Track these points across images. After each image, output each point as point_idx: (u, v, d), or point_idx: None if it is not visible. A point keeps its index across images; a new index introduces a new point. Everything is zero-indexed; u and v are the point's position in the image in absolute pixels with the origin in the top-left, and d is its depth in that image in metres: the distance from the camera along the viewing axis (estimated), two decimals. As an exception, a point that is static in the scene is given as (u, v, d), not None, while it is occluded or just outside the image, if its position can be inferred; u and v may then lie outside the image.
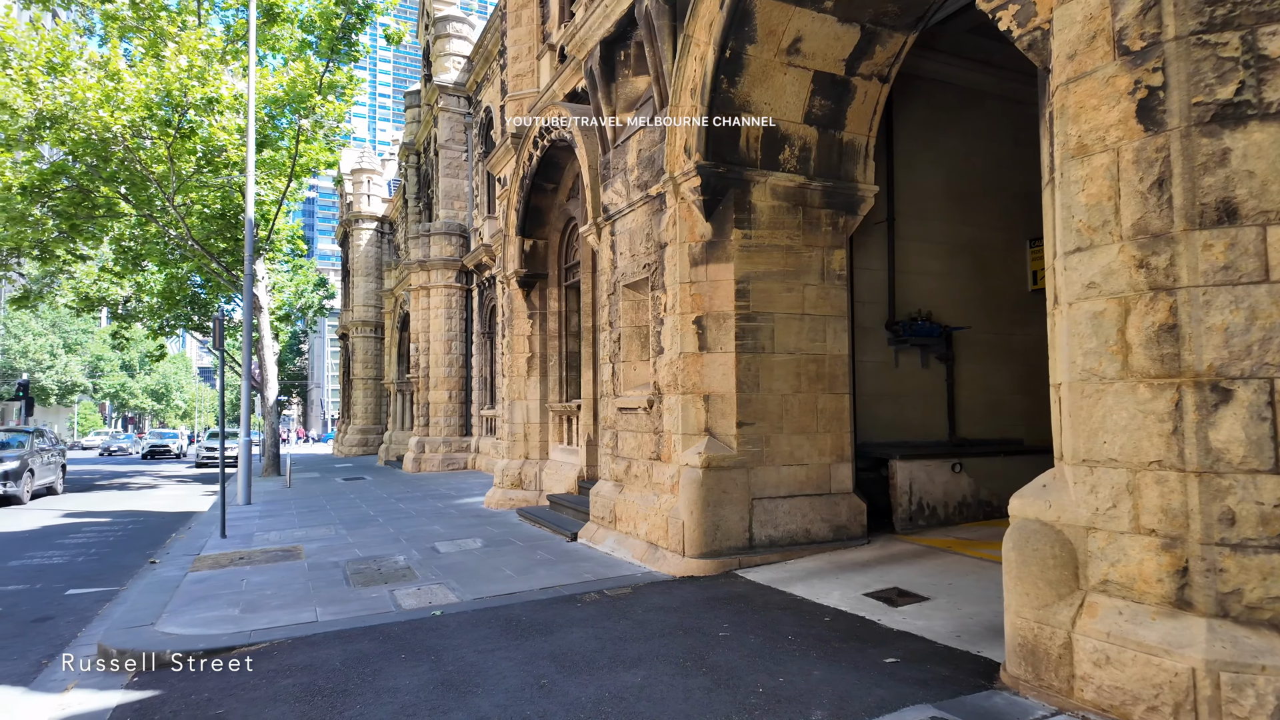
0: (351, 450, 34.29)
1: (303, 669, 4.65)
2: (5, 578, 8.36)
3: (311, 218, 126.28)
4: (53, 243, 22.00)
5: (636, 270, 8.13)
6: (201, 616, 5.89)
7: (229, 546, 9.12)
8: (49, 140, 18.24)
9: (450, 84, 21.57)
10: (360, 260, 35.01)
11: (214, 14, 20.10)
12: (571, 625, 5.47)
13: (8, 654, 5.56)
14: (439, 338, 21.42)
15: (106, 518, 13.93)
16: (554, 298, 12.15)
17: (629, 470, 8.09)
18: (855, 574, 6.52)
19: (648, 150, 7.90)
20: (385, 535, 9.81)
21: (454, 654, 4.89)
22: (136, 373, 73.90)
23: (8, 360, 60.40)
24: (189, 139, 18.96)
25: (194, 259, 22.83)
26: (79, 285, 27.97)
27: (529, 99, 11.85)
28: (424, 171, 25.52)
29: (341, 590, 6.75)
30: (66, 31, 18.69)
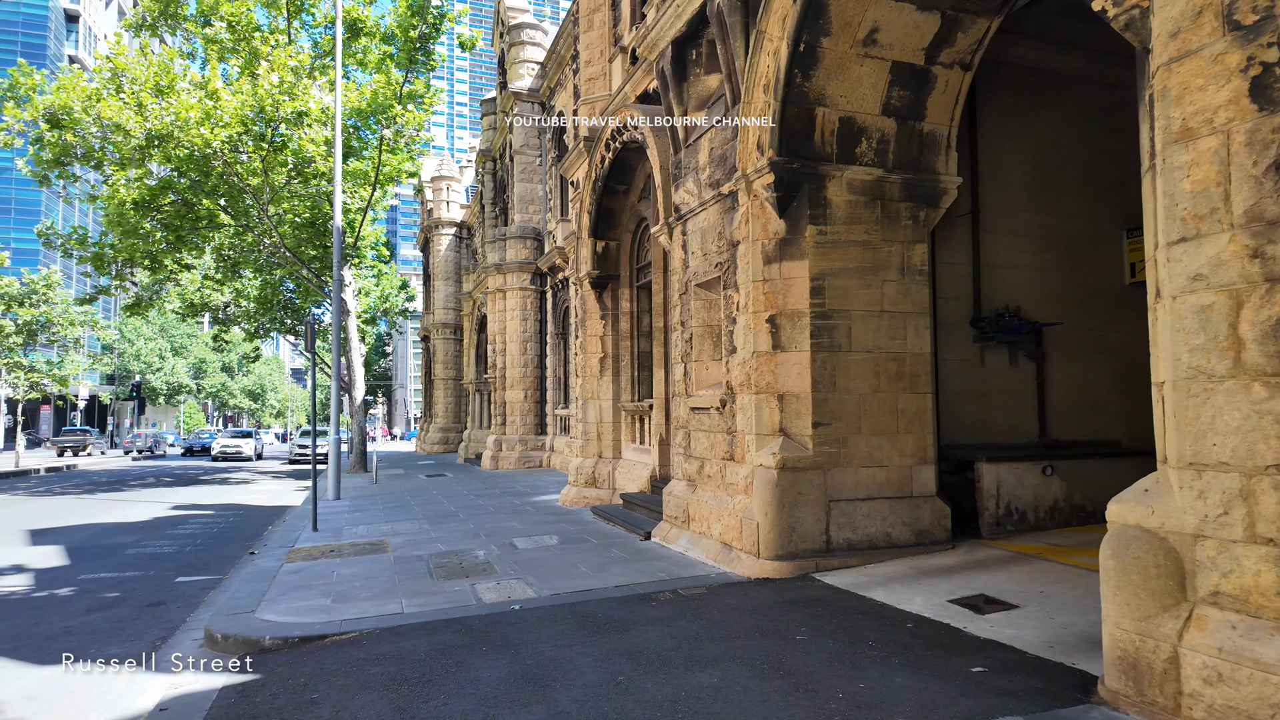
0: (433, 448, 35.44)
1: (390, 658, 4.83)
2: (124, 565, 9.02)
3: (395, 224, 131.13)
4: (161, 253, 23.59)
5: (708, 269, 8.10)
6: (296, 605, 6.20)
7: (320, 540, 9.57)
8: (157, 158, 19.58)
9: (524, 90, 22.00)
10: (440, 264, 36.14)
11: (303, 32, 21.13)
12: (647, 623, 5.50)
13: (127, 635, 6.00)
14: (515, 339, 21.90)
15: (210, 511, 14.85)
16: (626, 298, 12.24)
17: (702, 470, 8.07)
18: (939, 580, 6.31)
19: (719, 148, 7.86)
20: (466, 531, 10.09)
21: (533, 648, 4.99)
22: (235, 374, 78.43)
23: (123, 363, 65.18)
24: (281, 152, 20.00)
25: (286, 266, 24.07)
26: (184, 292, 29.94)
27: (601, 102, 11.96)
28: (500, 177, 26.13)
29: (425, 583, 6.98)
30: (172, 56, 20.00)
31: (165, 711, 4.22)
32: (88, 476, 25.81)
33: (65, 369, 47.25)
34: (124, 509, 14.99)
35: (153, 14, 20.03)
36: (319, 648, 5.15)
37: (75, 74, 20.57)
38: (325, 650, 5.08)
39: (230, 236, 24.31)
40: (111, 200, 21.70)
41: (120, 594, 7.48)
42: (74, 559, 9.45)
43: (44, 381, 44.67)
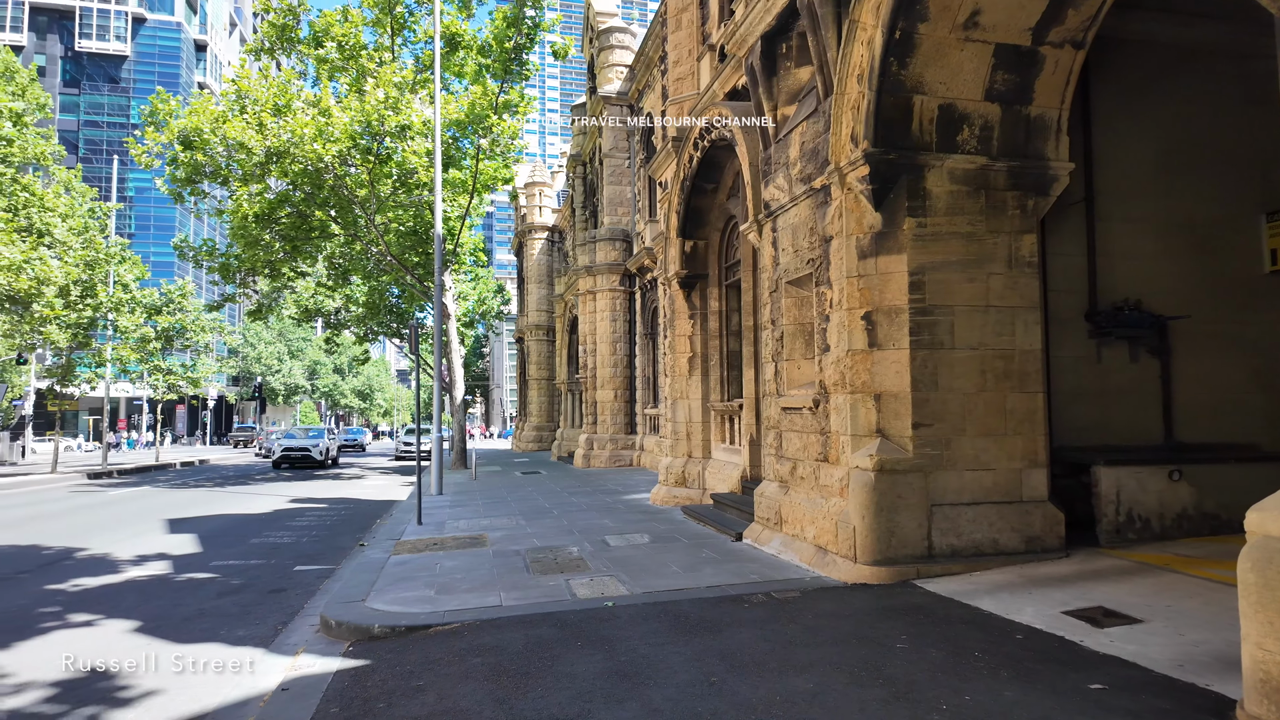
0: (527, 446, 36.40)
1: (489, 649, 5.00)
2: (249, 553, 9.73)
3: (491, 230, 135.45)
4: (279, 262, 25.28)
5: (799, 266, 7.94)
6: (403, 596, 6.50)
7: (424, 533, 10.00)
8: (275, 173, 20.99)
9: (613, 94, 22.26)
10: (533, 268, 37.09)
11: (405, 48, 22.14)
12: (739, 625, 5.45)
13: (252, 619, 6.46)
14: (604, 339, 22.20)
15: (323, 504, 15.79)
16: (714, 297, 12.17)
17: (794, 471, 7.92)
18: (1052, 590, 5.95)
19: (811, 142, 7.69)
20: (560, 527, 10.31)
21: (626, 645, 5.03)
22: (346, 375, 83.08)
23: (246, 365, 70.32)
24: (386, 164, 21.04)
25: (392, 272, 25.30)
26: (300, 298, 31.99)
27: (689, 101, 11.95)
28: (590, 181, 26.54)
29: (522, 577, 7.18)
30: (289, 77, 21.39)
31: (286, 691, 4.51)
32: (218, 470, 27.95)
33: (197, 371, 51.40)
34: (248, 501, 16.16)
35: (270, 39, 21.48)
36: (424, 637, 5.38)
37: (205, 99, 22.34)
38: (429, 640, 5.31)
39: (340, 245, 25.79)
40: (236, 214, 23.44)
41: (246, 580, 8.07)
42: (206, 547, 10.26)
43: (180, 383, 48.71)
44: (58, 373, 34.14)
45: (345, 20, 20.86)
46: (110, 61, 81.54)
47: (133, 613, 6.62)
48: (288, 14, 21.16)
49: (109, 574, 8.39)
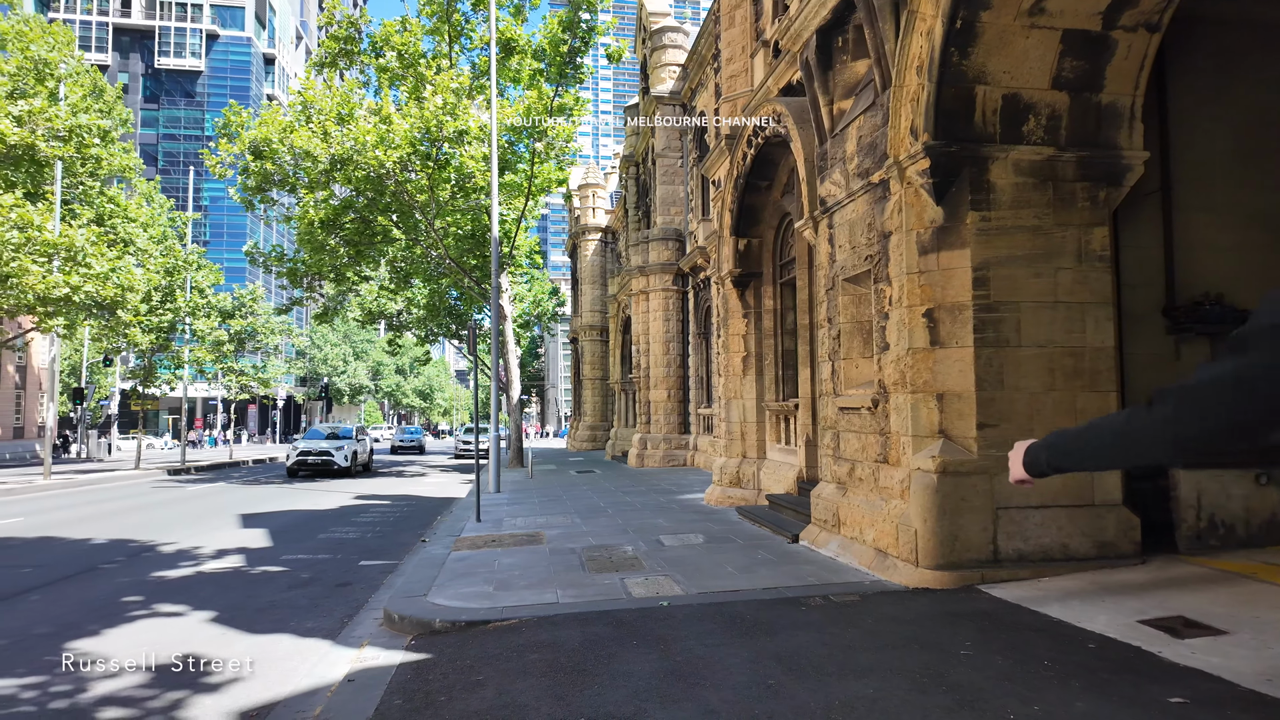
0: (582, 445, 36.72)
1: (546, 646, 5.06)
2: (316, 548, 10.08)
3: (545, 233, 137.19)
4: (344, 267, 26.12)
5: (857, 263, 7.80)
6: (462, 591, 6.64)
7: (483, 530, 10.19)
8: (339, 180, 21.70)
9: (666, 94, 22.27)
10: (587, 269, 37.40)
11: (462, 55, 22.61)
12: (796, 628, 5.38)
13: (319, 612, 6.70)
14: (657, 339, 22.22)
15: (386, 501, 16.25)
16: (769, 296, 12.05)
17: (852, 473, 7.78)
18: (1126, 598, 5.69)
19: (868, 136, 7.55)
20: (614, 526, 10.37)
21: (681, 645, 5.03)
22: (408, 376, 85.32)
23: (313, 366, 72.92)
24: (444, 169, 21.52)
25: (451, 275, 25.87)
26: (363, 301, 33.01)
27: (743, 99, 11.86)
28: (642, 181, 26.60)
29: (578, 575, 7.24)
30: (351, 87, 22.07)
31: (352, 682, 4.66)
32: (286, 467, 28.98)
33: (268, 372, 53.55)
34: (315, 498, 16.75)
35: (333, 51, 22.22)
36: (483, 632, 5.49)
37: (273, 110, 23.23)
38: (488, 635, 5.40)
39: (401, 250, 26.49)
40: (302, 220, 24.31)
41: (313, 574, 8.36)
42: (276, 541, 10.67)
43: (251, 384, 50.80)
44: (140, 374, 36.01)
45: (404, 30, 21.42)
46: (186, 77, 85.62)
47: (211, 603, 6.93)
48: (349, 26, 21.85)
49: (189, 566, 8.80)
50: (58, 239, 19.97)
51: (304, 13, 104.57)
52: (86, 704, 4.45)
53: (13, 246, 18.78)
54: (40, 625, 6.20)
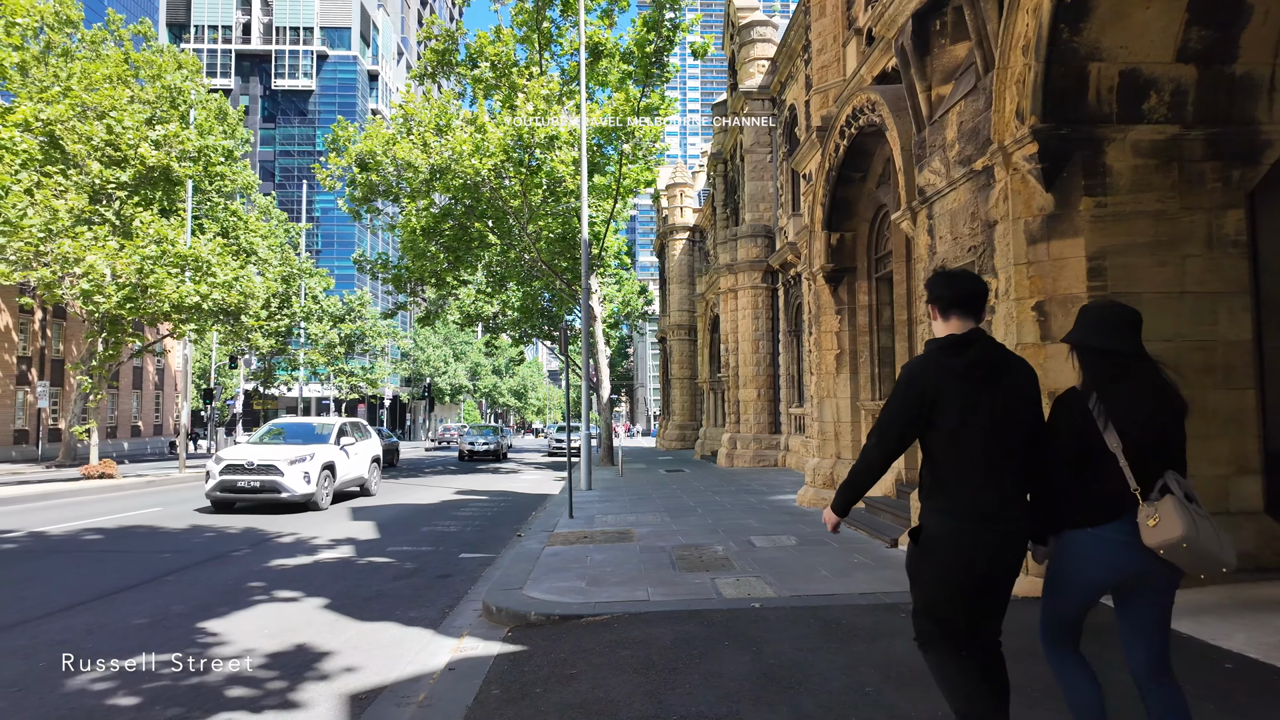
0: (671, 444, 36.79)
1: (638, 643, 5.09)
2: (419, 540, 10.53)
3: (634, 234, 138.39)
4: (444, 272, 27.20)
5: (959, 255, 7.44)
6: (556, 586, 6.78)
7: (575, 526, 10.37)
8: (438, 189, 22.61)
9: (755, 89, 22.00)
10: (675, 268, 37.43)
11: (553, 62, 23.10)
12: (896, 635, 5.19)
13: (423, 602, 6.99)
14: (747, 338, 21.97)
15: (484, 496, 16.80)
16: (863, 291, 11.69)
17: (956, 474, 7.44)
18: (1268, 614, 5.19)
19: (969, 122, 7.19)
20: (704, 525, 10.32)
21: (774, 648, 4.95)
22: (504, 376, 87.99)
23: (416, 367, 76.32)
24: (536, 175, 22.06)
25: (543, 278, 26.49)
26: (462, 305, 34.28)
27: (834, 89, 11.56)
28: (730, 178, 26.39)
29: (669, 573, 7.25)
30: (448, 98, 22.94)
31: (453, 671, 4.83)
32: (392, 465, 30.44)
33: (375, 373, 56.46)
34: (418, 493, 17.51)
35: (432, 64, 23.18)
36: (576, 626, 5.58)
37: (377, 124, 24.47)
38: (581, 630, 5.49)
39: (497, 254, 27.36)
40: (405, 228, 25.47)
41: (417, 565, 8.73)
42: (383, 534, 11.22)
43: (360, 384, 53.64)
44: (260, 375, 38.56)
45: (497, 39, 22.09)
46: (299, 96, 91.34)
47: (324, 590, 7.36)
48: (446, 39, 22.73)
49: (305, 555, 9.38)
50: (188, 251, 21.71)
51: (404, 29, 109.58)
52: (214, 683, 4.80)
53: (151, 260, 20.55)
54: (177, 605, 6.75)
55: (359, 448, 15.94)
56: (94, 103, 21.98)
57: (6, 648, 5.48)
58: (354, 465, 15.44)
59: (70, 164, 21.86)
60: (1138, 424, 2.71)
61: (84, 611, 6.54)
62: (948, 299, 2.86)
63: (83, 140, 21.47)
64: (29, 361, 33.50)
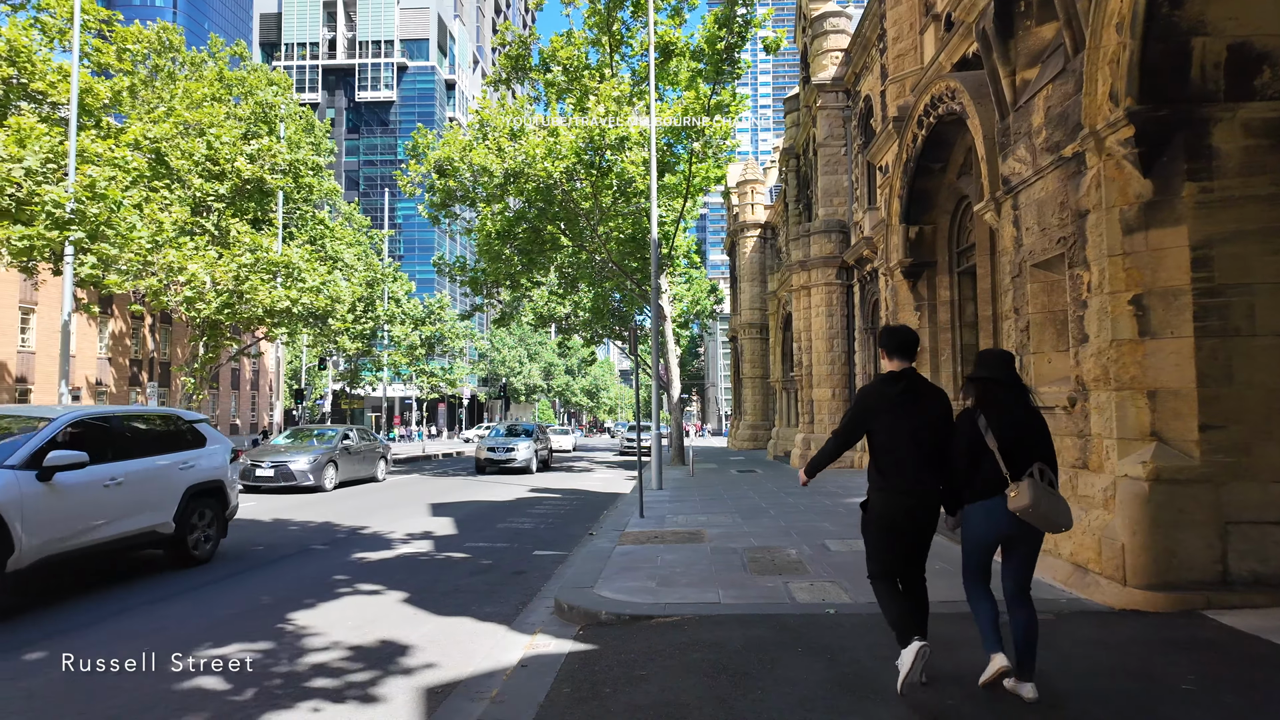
0: (742, 444, 36.43)
1: (708, 645, 5.03)
2: (495, 537, 10.75)
3: (704, 232, 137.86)
4: (518, 274, 27.75)
5: (1047, 246, 7.06)
6: (627, 585, 6.78)
7: (646, 526, 10.38)
8: (512, 192, 23.06)
9: (828, 81, 21.52)
10: (746, 266, 37.04)
11: (623, 63, 23.20)
12: (976, 646, 4.95)
13: (498, 598, 7.12)
14: (820, 336, 21.51)
15: (557, 494, 17.03)
16: (944, 286, 11.25)
17: (1045, 477, 7.06)
18: None
19: (1058, 106, 6.81)
20: (777, 527, 10.15)
21: (849, 655, 4.81)
22: (576, 376, 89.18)
23: (493, 368, 78.21)
24: (607, 176, 22.21)
25: (613, 278, 26.66)
26: (536, 306, 34.89)
27: (911, 78, 11.18)
28: (803, 173, 25.90)
29: (740, 575, 7.16)
30: (521, 103, 23.38)
31: (525, 668, 4.89)
32: (472, 461, 31.26)
33: (454, 374, 58.15)
34: (494, 490, 17.90)
35: (506, 70, 23.65)
36: (646, 627, 5.56)
37: (454, 130, 25.18)
38: (651, 630, 5.47)
39: (569, 256, 27.71)
40: (481, 231, 26.10)
41: (492, 561, 8.91)
42: (460, 529, 11.51)
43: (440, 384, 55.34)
44: (347, 376, 40.26)
45: (569, 43, 22.34)
46: (381, 107, 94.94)
47: (403, 584, 7.60)
48: (520, 45, 23.15)
49: (385, 550, 9.71)
50: (279, 258, 22.86)
51: (479, 38, 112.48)
52: (302, 672, 5.01)
53: (247, 267, 21.74)
54: (265, 596, 7.10)
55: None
56: (195, 120, 23.44)
57: (114, 632, 5.88)
58: None
59: (174, 179, 23.38)
60: (1006, 431, 3.85)
61: (181, 600, 6.96)
62: (890, 346, 4.17)
63: (185, 156, 22.92)
64: (140, 364, 35.99)
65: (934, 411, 4.10)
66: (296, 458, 17.16)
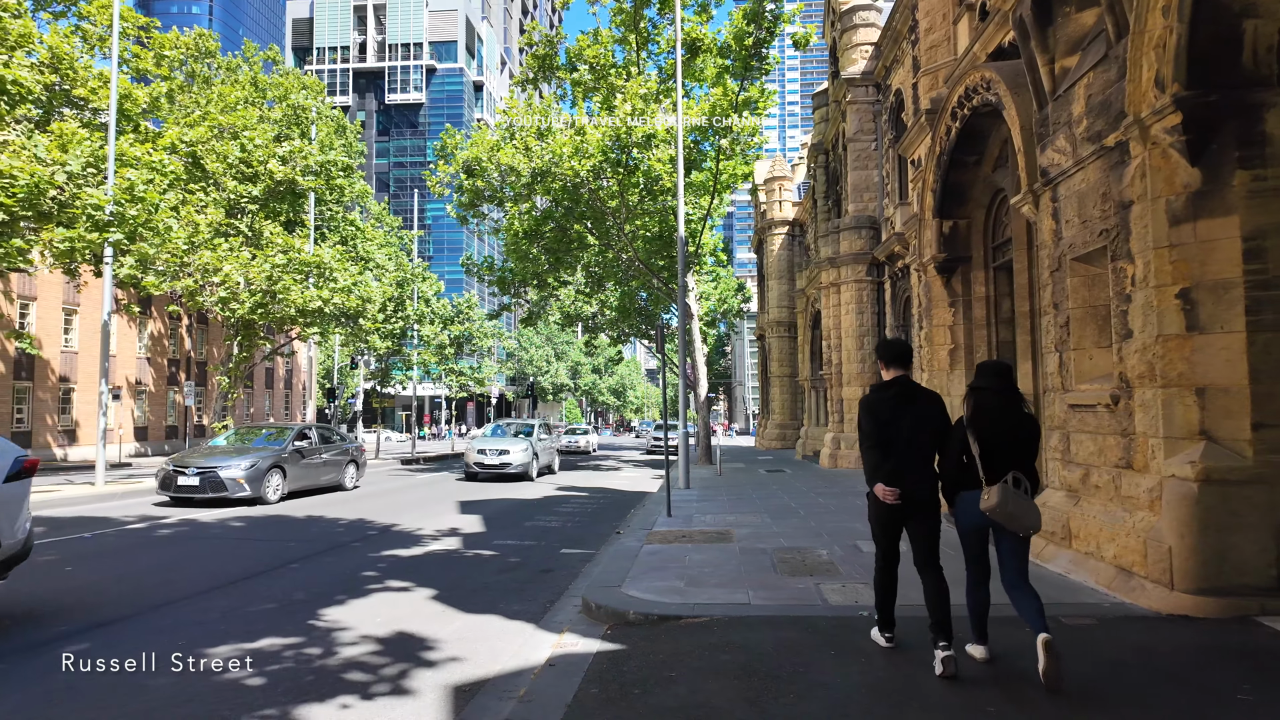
0: (770, 444, 36.13)
1: (738, 647, 4.94)
2: (523, 535, 10.75)
3: (730, 230, 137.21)
4: (545, 274, 27.83)
5: (1088, 239, 6.84)
6: (655, 585, 6.71)
7: (673, 525, 10.30)
8: (539, 192, 23.11)
9: (857, 75, 21.22)
10: (773, 264, 36.73)
11: (650, 61, 23.13)
12: (1022, 654, 4.80)
13: (526, 596, 7.09)
14: (850, 334, 21.22)
15: (584, 493, 17.01)
16: (979, 281, 10.99)
17: (1086, 479, 6.85)
18: None
19: (1099, 94, 6.59)
20: (807, 528, 10.00)
21: (884, 659, 4.69)
22: (603, 375, 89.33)
23: (520, 367, 78.67)
24: (633, 174, 22.16)
25: (640, 277, 26.59)
26: (563, 305, 34.97)
27: (944, 69, 10.94)
28: (832, 169, 25.60)
29: (770, 576, 7.05)
30: (548, 103, 23.40)
31: (553, 668, 4.85)
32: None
33: (482, 372, 58.59)
34: (523, 488, 17.94)
35: (534, 70, 23.71)
36: (674, 627, 5.49)
37: (482, 130, 25.31)
38: (680, 631, 5.39)
39: (595, 255, 27.70)
40: (508, 231, 26.20)
41: (520, 559, 8.90)
42: (489, 527, 11.53)
43: (469, 383, 55.77)
44: (378, 375, 40.72)
45: (595, 41, 22.32)
46: (410, 110, 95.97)
47: (432, 581, 7.61)
48: (547, 45, 23.18)
49: (415, 547, 9.76)
50: (311, 258, 23.18)
51: (507, 39, 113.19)
52: (333, 667, 5.02)
53: (279, 268, 22.07)
54: (299, 592, 7.15)
55: None
56: (229, 124, 23.85)
57: (153, 626, 5.96)
58: None
59: (210, 182, 23.82)
60: (989, 437, 4.29)
61: (219, 595, 7.04)
62: (888, 357, 4.71)
63: (219, 159, 23.34)
64: (177, 364, 36.77)
65: (926, 412, 4.60)
66: (230, 463, 13.73)
